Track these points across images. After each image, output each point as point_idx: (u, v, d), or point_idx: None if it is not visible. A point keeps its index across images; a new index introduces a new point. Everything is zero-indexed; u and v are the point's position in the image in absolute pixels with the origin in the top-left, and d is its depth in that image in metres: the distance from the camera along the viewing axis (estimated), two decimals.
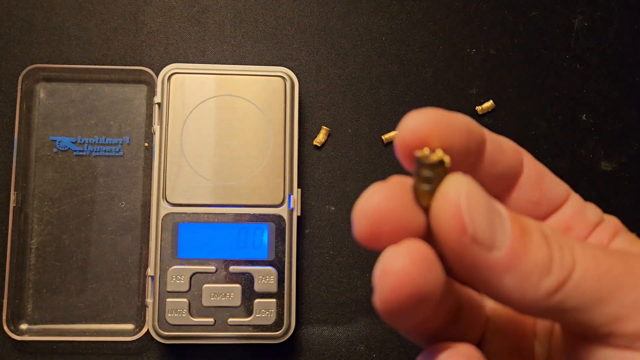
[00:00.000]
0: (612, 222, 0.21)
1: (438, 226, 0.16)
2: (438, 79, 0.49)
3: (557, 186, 0.21)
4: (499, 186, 0.20)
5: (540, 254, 0.16)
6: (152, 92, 0.46)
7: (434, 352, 0.18)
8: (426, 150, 0.17)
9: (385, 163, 0.48)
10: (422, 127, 0.18)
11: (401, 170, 0.48)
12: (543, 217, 0.21)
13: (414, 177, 0.18)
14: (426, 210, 0.17)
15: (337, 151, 0.48)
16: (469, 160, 0.19)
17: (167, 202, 0.43)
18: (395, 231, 0.17)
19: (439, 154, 0.17)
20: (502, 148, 0.20)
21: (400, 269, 0.16)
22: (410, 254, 0.16)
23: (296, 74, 0.46)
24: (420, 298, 0.16)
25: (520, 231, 0.17)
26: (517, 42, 0.49)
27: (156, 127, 0.44)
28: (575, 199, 0.22)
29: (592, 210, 0.22)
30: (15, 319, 0.44)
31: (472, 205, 0.16)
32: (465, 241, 0.16)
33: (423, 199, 0.17)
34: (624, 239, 0.21)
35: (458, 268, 0.17)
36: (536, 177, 0.21)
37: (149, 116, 0.46)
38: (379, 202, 0.17)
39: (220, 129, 0.44)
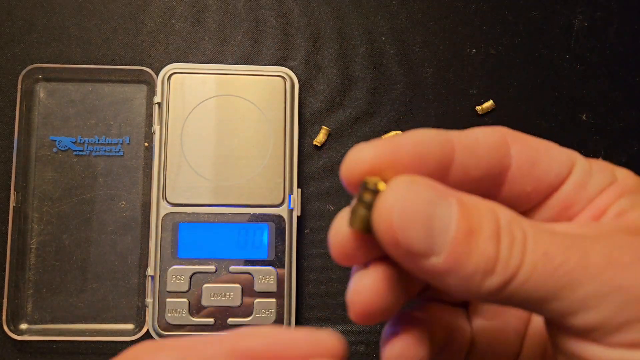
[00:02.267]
0: (622, 182, 0.20)
1: (378, 239, 0.18)
2: (438, 78, 0.49)
3: (556, 165, 0.20)
4: (483, 188, 0.20)
5: (483, 255, 0.17)
6: (152, 92, 0.46)
7: None
8: (375, 179, 0.18)
9: None
10: (364, 162, 0.18)
11: None
12: (541, 202, 0.21)
13: (355, 201, 0.18)
14: (358, 232, 0.18)
15: (337, 151, 0.48)
16: (433, 178, 0.19)
17: (167, 202, 0.43)
18: (364, 255, 0.19)
19: (380, 182, 0.18)
20: (476, 153, 0.19)
21: (366, 290, 0.18)
22: (374, 276, 0.19)
23: (296, 74, 0.46)
24: (383, 310, 0.19)
25: (466, 232, 0.17)
26: (517, 42, 0.49)
27: (156, 127, 0.44)
28: (579, 169, 0.20)
29: (598, 176, 0.20)
30: (15, 318, 0.43)
31: (406, 216, 0.17)
32: (401, 252, 0.17)
33: (354, 222, 0.18)
34: (627, 202, 0.19)
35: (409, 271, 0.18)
36: (528, 165, 0.20)
37: (149, 116, 0.46)
38: (345, 235, 0.19)
39: (220, 128, 0.44)
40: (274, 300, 0.43)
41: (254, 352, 0.17)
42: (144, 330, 0.43)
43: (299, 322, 0.46)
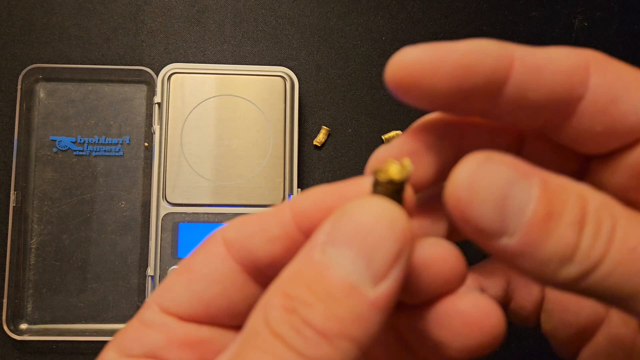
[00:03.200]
0: None
1: (448, 213, 0.17)
2: None
3: None
4: (542, 114, 0.17)
5: (562, 242, 0.15)
6: (152, 92, 0.46)
7: None
8: (391, 164, 0.17)
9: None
10: (408, 66, 0.17)
11: None
12: (615, 154, 0.18)
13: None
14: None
15: (337, 151, 0.48)
16: (480, 101, 0.17)
17: (167, 202, 0.43)
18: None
19: (391, 170, 0.17)
20: (540, 75, 0.17)
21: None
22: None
23: (296, 74, 0.46)
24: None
25: (545, 214, 0.16)
26: (517, 42, 0.49)
27: (156, 127, 0.44)
28: None
29: None
30: (15, 318, 0.43)
31: (475, 194, 0.16)
32: (470, 230, 0.16)
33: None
34: None
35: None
36: (606, 101, 0.17)
37: (149, 116, 0.46)
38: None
39: (220, 128, 0.44)
40: None
41: (311, 208, 0.18)
42: None
43: None
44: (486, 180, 0.16)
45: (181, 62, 0.47)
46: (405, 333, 0.20)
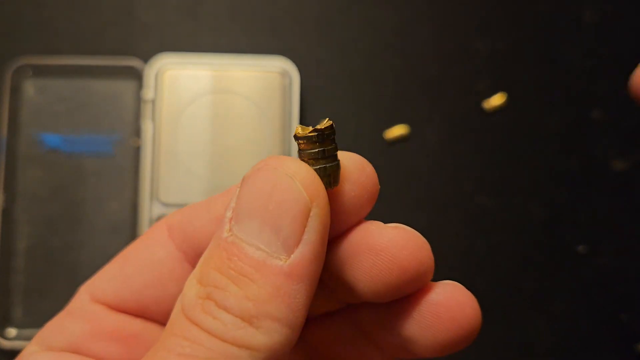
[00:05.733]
0: None
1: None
2: (443, 73, 0.47)
3: None
4: None
5: None
6: (143, 89, 0.45)
7: None
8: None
9: (388, 162, 0.46)
10: None
11: (404, 172, 0.46)
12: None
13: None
14: None
15: (339, 148, 0.46)
16: None
17: (160, 202, 0.42)
18: None
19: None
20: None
21: None
22: None
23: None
24: None
25: None
26: (524, 36, 0.48)
27: (148, 124, 0.43)
28: None
29: None
30: (4, 324, 0.42)
31: None
32: None
33: None
34: None
35: None
36: None
37: (141, 113, 0.45)
38: None
39: (215, 125, 0.43)
40: None
41: None
42: None
43: None
44: None
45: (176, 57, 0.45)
46: (371, 329, 0.19)
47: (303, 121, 0.46)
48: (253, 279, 0.15)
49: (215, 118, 0.43)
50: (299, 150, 0.17)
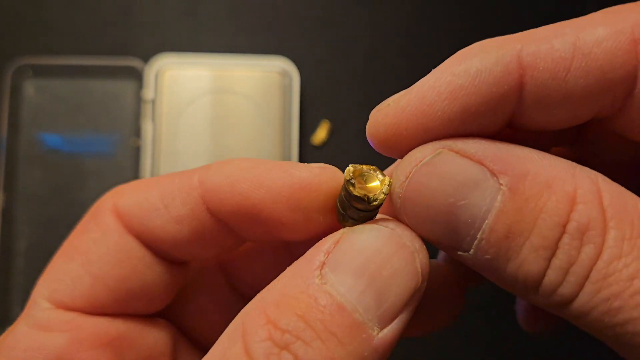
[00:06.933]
0: None
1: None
2: None
3: None
4: (578, 111, 0.14)
5: (523, 269, 0.13)
6: (143, 89, 0.45)
7: None
8: (369, 176, 0.15)
9: (390, 162, 0.46)
10: (397, 124, 0.15)
11: None
12: None
13: (344, 197, 0.15)
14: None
15: (339, 149, 0.46)
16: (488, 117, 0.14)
17: None
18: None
19: (370, 185, 0.15)
20: (561, 77, 0.14)
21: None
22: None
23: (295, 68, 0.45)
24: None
25: (503, 235, 0.14)
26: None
27: (148, 124, 0.43)
28: None
29: None
30: (3, 325, 0.42)
31: (418, 203, 0.14)
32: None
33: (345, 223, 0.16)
34: None
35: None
36: None
37: (140, 113, 0.45)
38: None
39: (215, 125, 0.43)
40: None
41: (225, 189, 0.16)
42: None
43: None
44: (433, 183, 0.13)
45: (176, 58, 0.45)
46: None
47: (302, 121, 0.46)
48: (343, 342, 0.13)
49: (215, 118, 0.43)
50: (352, 207, 0.15)
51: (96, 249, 0.17)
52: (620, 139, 0.16)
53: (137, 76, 0.45)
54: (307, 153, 0.46)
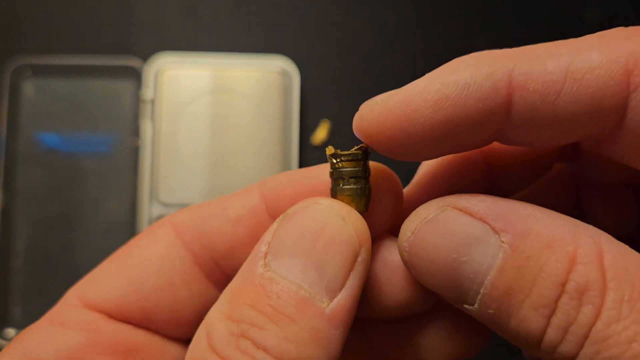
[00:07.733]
0: None
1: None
2: None
3: None
4: (565, 134, 0.14)
5: (524, 326, 0.14)
6: (143, 89, 0.44)
7: None
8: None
9: (391, 162, 0.46)
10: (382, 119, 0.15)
11: (408, 173, 0.46)
12: None
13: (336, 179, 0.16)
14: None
15: (339, 149, 0.46)
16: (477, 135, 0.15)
17: (160, 202, 0.42)
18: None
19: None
20: (551, 100, 0.14)
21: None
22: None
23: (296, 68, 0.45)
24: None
25: (505, 291, 0.14)
26: (527, 35, 0.48)
27: (148, 124, 0.43)
28: None
29: None
30: (2, 324, 0.42)
31: (424, 259, 0.15)
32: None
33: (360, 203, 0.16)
34: None
35: None
36: None
37: (140, 113, 0.44)
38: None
39: (215, 125, 0.43)
40: None
41: (284, 186, 0.17)
42: None
43: None
44: (437, 240, 0.14)
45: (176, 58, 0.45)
46: (380, 344, 0.19)
47: (303, 121, 0.46)
48: (294, 320, 0.14)
49: (215, 118, 0.43)
50: (336, 169, 0.17)
51: (140, 254, 0.17)
52: (613, 161, 0.16)
53: (136, 76, 0.45)
54: (307, 153, 0.45)
